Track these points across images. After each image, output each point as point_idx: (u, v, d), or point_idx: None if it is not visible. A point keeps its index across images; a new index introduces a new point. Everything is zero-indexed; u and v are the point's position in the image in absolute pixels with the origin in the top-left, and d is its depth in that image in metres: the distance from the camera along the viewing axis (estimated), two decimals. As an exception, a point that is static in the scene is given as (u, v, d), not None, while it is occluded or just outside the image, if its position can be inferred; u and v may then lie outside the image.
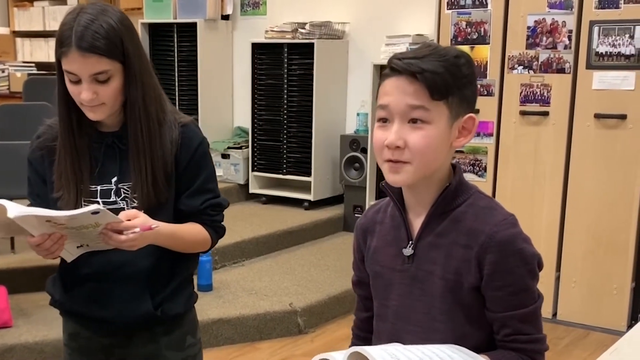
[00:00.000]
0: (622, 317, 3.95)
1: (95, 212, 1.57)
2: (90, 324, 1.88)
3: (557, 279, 4.12)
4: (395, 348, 1.23)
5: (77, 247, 1.72)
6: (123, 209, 1.75)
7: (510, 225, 1.35)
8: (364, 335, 1.57)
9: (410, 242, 1.41)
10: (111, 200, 1.79)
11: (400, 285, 1.43)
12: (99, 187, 1.79)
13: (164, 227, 1.75)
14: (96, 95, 1.68)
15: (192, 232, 1.85)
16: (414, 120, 1.31)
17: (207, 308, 3.81)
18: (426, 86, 1.30)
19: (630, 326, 3.78)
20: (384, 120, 1.35)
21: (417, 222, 1.42)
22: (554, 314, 4.16)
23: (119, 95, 1.73)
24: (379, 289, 1.48)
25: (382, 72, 1.38)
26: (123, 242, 1.65)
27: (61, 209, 1.69)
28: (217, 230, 1.90)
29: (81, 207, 1.74)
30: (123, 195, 1.79)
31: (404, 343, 1.33)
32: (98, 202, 1.77)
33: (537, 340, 1.37)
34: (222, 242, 4.45)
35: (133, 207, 1.76)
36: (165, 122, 1.80)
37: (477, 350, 1.32)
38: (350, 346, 1.53)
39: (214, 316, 3.75)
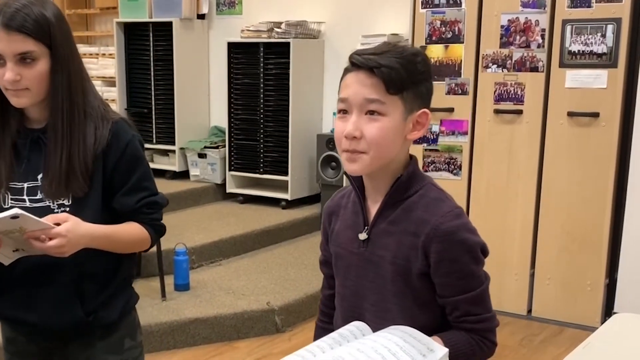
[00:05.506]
0: (596, 313, 4.00)
1: (14, 217, 1.51)
2: (23, 328, 1.83)
3: (532, 275, 4.17)
4: (348, 352, 1.31)
5: (13, 251, 1.65)
6: (49, 206, 1.71)
7: (454, 217, 1.43)
8: (328, 311, 1.67)
9: (366, 227, 1.51)
10: (37, 197, 1.73)
11: (357, 267, 1.53)
12: (25, 185, 1.74)
13: (98, 229, 1.70)
14: (20, 77, 1.66)
15: (130, 231, 1.79)
16: (371, 112, 1.40)
17: (184, 308, 3.81)
18: (382, 80, 1.38)
19: (604, 322, 3.82)
20: (344, 112, 1.43)
21: (374, 209, 1.51)
22: (529, 311, 4.20)
23: (44, 81, 1.69)
24: (339, 270, 1.58)
25: (345, 67, 1.45)
26: (50, 249, 1.60)
27: None
28: (155, 229, 1.84)
29: (6, 204, 1.71)
30: None
31: (362, 320, 1.48)
32: (24, 200, 1.72)
33: (486, 320, 1.47)
34: (199, 242, 4.55)
35: (60, 205, 1.72)
36: (92, 116, 1.75)
37: (425, 329, 1.40)
38: (316, 323, 1.70)
39: (191, 316, 3.74)
